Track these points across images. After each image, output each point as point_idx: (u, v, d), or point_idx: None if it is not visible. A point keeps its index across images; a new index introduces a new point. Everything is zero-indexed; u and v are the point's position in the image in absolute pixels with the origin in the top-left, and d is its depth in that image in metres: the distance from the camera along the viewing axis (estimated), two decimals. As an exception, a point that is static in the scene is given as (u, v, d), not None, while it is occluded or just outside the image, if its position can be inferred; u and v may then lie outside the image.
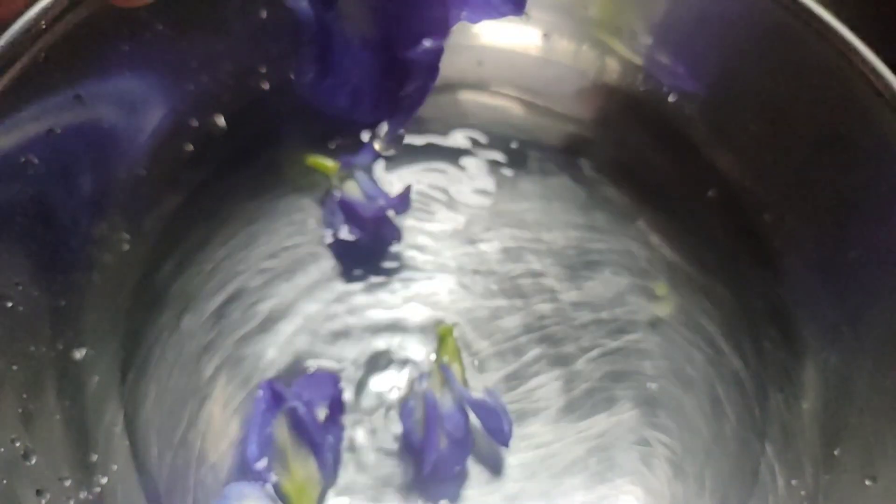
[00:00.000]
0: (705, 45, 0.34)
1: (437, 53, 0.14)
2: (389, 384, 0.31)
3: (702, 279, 0.34)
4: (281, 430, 0.28)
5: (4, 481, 0.25)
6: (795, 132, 0.32)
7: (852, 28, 0.30)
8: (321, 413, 0.29)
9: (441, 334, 0.31)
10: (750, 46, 0.33)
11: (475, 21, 0.14)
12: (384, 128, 0.33)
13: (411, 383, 0.31)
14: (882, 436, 0.27)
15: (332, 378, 0.31)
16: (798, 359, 0.31)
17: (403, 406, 0.30)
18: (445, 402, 0.29)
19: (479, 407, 0.29)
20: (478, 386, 0.31)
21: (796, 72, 0.32)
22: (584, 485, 0.30)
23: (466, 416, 0.29)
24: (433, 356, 0.32)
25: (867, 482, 0.27)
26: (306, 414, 0.28)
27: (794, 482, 0.29)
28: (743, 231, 0.34)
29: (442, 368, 0.30)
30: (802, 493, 0.29)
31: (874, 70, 0.29)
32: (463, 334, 0.33)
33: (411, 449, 0.30)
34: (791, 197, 0.33)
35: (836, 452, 0.29)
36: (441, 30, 0.14)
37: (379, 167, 0.36)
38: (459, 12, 0.14)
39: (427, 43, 0.14)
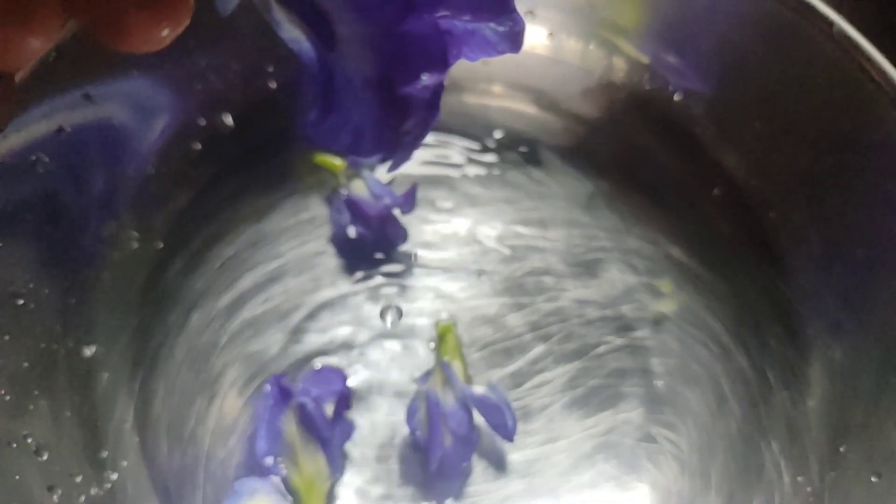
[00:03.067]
0: (711, 45, 0.34)
1: (437, 90, 0.15)
2: (394, 382, 0.31)
3: (707, 277, 0.34)
4: (289, 425, 0.28)
5: (17, 477, 0.25)
6: (801, 131, 0.33)
7: (858, 27, 0.30)
8: (329, 408, 0.29)
9: (441, 332, 0.31)
10: (756, 45, 0.33)
11: (473, 59, 0.15)
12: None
13: (414, 382, 0.31)
14: (887, 433, 0.27)
15: (340, 374, 0.31)
16: (803, 356, 0.32)
17: (408, 405, 0.30)
18: (448, 399, 0.29)
19: (482, 403, 0.29)
20: (482, 382, 0.31)
21: (802, 70, 0.32)
22: (590, 482, 0.30)
23: (470, 413, 0.29)
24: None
25: (873, 479, 0.27)
26: (314, 409, 0.28)
27: (799, 479, 0.29)
28: (748, 229, 0.35)
29: (442, 366, 0.30)
30: (808, 489, 0.29)
31: (880, 69, 0.29)
32: (469, 332, 0.33)
33: (417, 447, 0.30)
34: (797, 195, 0.33)
35: (841, 449, 0.29)
36: (440, 67, 0.14)
37: (385, 166, 0.36)
38: (458, 51, 0.15)
39: (426, 79, 0.14)
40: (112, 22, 0.13)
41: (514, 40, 0.15)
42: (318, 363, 0.31)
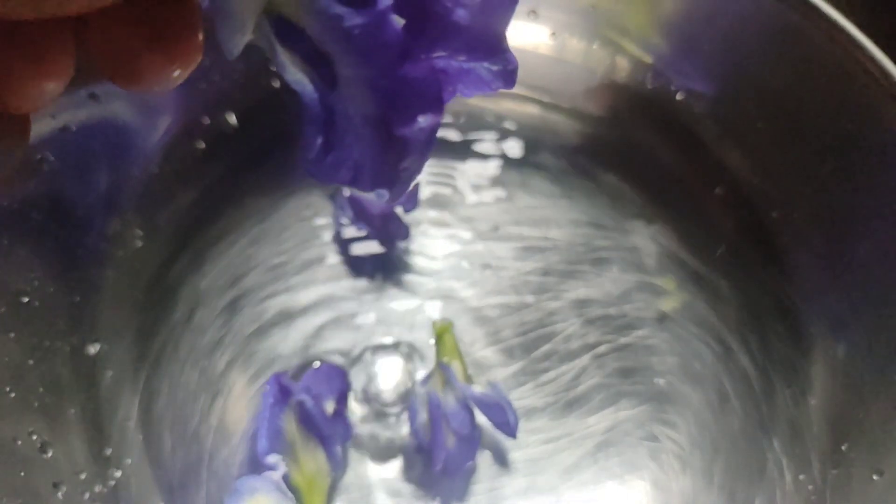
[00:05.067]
0: (714, 45, 0.34)
1: (433, 130, 0.15)
2: (397, 381, 0.31)
3: (709, 276, 0.34)
4: (290, 423, 0.28)
5: (22, 473, 0.25)
6: (803, 130, 0.33)
7: (860, 27, 0.30)
8: (329, 406, 0.29)
9: (438, 333, 0.31)
10: (758, 45, 0.33)
11: (468, 96, 0.16)
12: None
13: (415, 383, 0.31)
14: (889, 430, 0.27)
15: (340, 371, 0.31)
16: (805, 354, 0.32)
17: (409, 407, 0.30)
18: (448, 400, 0.29)
19: (483, 402, 0.29)
20: (484, 381, 0.31)
21: (804, 70, 0.32)
22: (592, 479, 0.30)
23: (471, 413, 0.30)
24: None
25: (874, 476, 0.27)
26: (314, 407, 0.28)
27: (801, 477, 0.29)
28: (750, 228, 0.35)
29: (442, 367, 0.30)
30: (810, 487, 0.29)
31: (882, 68, 0.29)
32: (471, 331, 0.33)
33: (420, 448, 0.30)
34: (799, 194, 0.33)
35: (843, 447, 0.29)
36: (435, 108, 0.15)
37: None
38: (453, 88, 0.15)
39: (422, 120, 0.14)
40: (124, 64, 0.13)
41: (507, 78, 0.15)
42: (320, 361, 0.32)
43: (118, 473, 0.28)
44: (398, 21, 0.13)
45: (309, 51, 0.14)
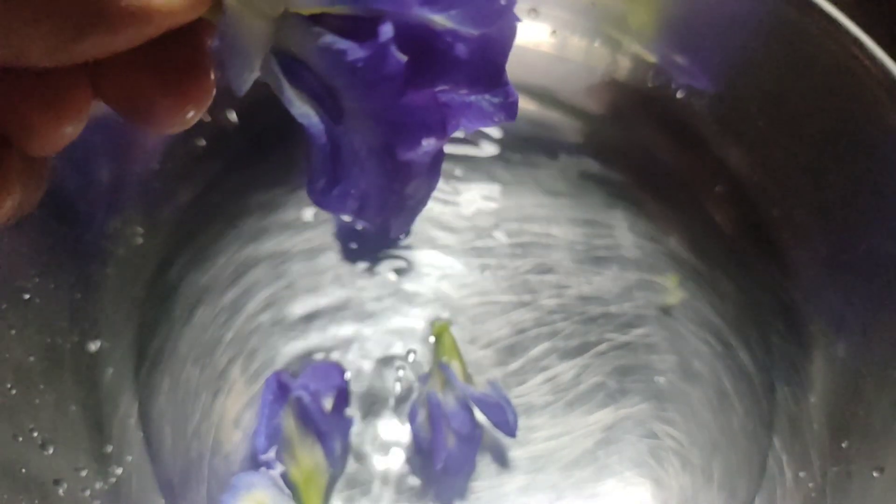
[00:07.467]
0: (715, 42, 0.35)
1: (437, 157, 0.16)
2: (396, 381, 0.31)
3: (709, 274, 0.34)
4: (288, 420, 0.28)
5: (23, 470, 0.25)
6: (804, 128, 0.33)
7: (861, 26, 0.30)
8: (328, 403, 0.29)
9: (437, 333, 0.31)
10: (759, 43, 0.33)
11: (471, 129, 0.16)
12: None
13: (415, 383, 0.31)
14: (889, 428, 0.27)
15: (338, 368, 0.31)
16: (805, 352, 0.32)
17: (409, 407, 0.30)
18: (448, 400, 0.29)
19: (482, 402, 0.29)
20: (485, 379, 0.31)
21: (805, 68, 0.32)
22: (592, 477, 0.30)
23: (471, 413, 0.29)
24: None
25: (875, 474, 0.27)
26: (311, 404, 0.28)
27: (801, 474, 0.29)
28: (751, 226, 0.35)
29: (441, 368, 0.30)
30: (810, 485, 0.29)
31: (882, 67, 0.29)
32: (472, 329, 0.33)
33: (420, 448, 0.30)
34: (799, 192, 0.33)
35: (843, 445, 0.29)
36: (439, 133, 0.15)
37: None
38: (456, 121, 0.16)
39: (426, 146, 0.15)
40: (139, 108, 0.14)
41: (508, 110, 0.16)
42: (320, 358, 0.31)
43: (119, 470, 0.28)
44: (400, 56, 0.13)
45: (315, 85, 0.14)
